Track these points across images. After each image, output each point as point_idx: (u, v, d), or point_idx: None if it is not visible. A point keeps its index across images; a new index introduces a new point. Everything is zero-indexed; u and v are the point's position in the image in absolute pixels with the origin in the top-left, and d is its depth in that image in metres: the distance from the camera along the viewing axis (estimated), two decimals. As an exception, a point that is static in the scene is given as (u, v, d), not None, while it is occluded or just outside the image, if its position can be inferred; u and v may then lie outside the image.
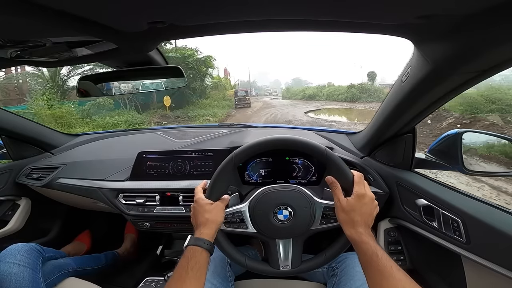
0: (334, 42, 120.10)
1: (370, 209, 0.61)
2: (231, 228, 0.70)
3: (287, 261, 0.69)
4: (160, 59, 0.75)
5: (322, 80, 34.67)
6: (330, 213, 0.67)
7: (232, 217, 0.69)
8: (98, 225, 1.52)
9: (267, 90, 33.99)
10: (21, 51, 0.60)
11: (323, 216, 0.68)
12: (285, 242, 0.69)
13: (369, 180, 0.93)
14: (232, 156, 0.70)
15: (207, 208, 0.64)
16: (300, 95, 27.65)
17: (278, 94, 35.11)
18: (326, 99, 22.69)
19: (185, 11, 0.43)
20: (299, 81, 39.89)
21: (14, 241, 0.89)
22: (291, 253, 0.69)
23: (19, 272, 0.78)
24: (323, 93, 24.51)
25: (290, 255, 0.69)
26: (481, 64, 0.50)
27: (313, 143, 0.69)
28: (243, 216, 0.69)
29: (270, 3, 0.41)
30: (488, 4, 0.37)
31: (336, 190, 0.62)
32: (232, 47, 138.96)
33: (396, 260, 0.92)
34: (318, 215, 0.68)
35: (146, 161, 1.05)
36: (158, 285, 1.09)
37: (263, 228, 0.68)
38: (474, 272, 0.68)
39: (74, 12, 0.41)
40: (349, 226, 0.59)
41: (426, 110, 0.72)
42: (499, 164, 0.83)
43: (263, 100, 28.15)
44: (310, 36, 36.42)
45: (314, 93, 25.76)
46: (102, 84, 0.82)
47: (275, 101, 26.57)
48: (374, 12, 0.44)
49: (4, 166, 1.23)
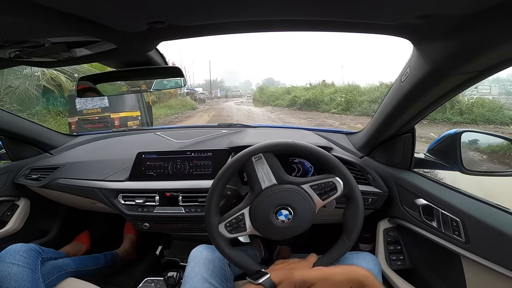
0: (312, 41, 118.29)
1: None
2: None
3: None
4: (159, 59, 0.75)
5: (297, 80, 29.50)
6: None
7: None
8: (97, 225, 1.52)
9: (236, 92, 28.30)
10: (20, 51, 0.60)
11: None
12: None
13: (368, 180, 0.93)
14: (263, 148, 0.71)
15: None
16: (286, 99, 15.38)
17: (243, 94, 26.10)
18: (344, 110, 11.75)
19: (184, 11, 0.43)
20: (271, 81, 33.71)
21: (13, 241, 0.89)
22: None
23: (18, 272, 0.78)
24: (329, 97, 13.31)
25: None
26: (480, 64, 0.50)
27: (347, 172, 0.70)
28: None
29: (269, 3, 0.41)
30: (487, 4, 0.37)
31: (306, 262, 0.66)
32: (197, 42, 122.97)
33: (395, 259, 0.92)
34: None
35: (146, 161, 1.05)
36: (158, 285, 1.09)
37: (263, 229, 0.68)
38: (473, 272, 0.69)
39: (73, 12, 0.41)
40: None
41: (426, 110, 0.72)
42: (498, 164, 0.83)
43: (225, 104, 18.46)
44: (285, 35, 34.85)
45: (313, 97, 13.67)
46: (101, 84, 0.82)
47: (243, 109, 15.63)
48: (374, 12, 0.44)
49: (3, 166, 1.23)
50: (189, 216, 0.97)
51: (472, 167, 0.78)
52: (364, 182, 0.93)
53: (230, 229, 0.69)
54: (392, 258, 0.92)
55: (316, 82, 17.08)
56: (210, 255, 0.78)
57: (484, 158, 0.88)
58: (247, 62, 30.36)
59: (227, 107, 16.37)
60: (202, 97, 18.41)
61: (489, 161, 0.89)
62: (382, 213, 0.96)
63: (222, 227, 0.69)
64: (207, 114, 12.70)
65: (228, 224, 0.69)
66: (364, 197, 0.70)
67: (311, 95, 13.92)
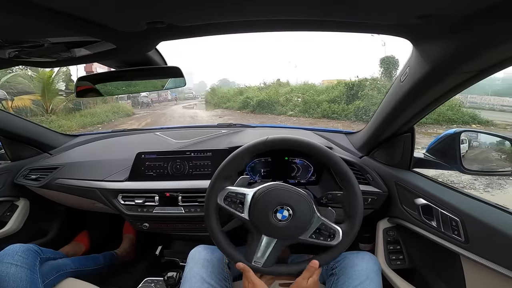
0: (267, 40, 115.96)
1: None
2: (228, 207, 0.69)
3: (262, 259, 0.68)
4: (159, 59, 0.75)
5: (252, 80, 27.80)
6: (323, 231, 0.67)
7: (234, 196, 0.69)
8: (97, 225, 1.52)
9: (189, 94, 25.74)
10: (19, 51, 0.59)
11: (316, 231, 0.67)
12: (269, 241, 0.68)
13: (368, 180, 0.93)
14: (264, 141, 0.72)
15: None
16: (238, 101, 13.49)
17: (196, 96, 24.24)
18: (302, 112, 10.62)
19: (184, 11, 0.43)
20: (227, 82, 31.34)
21: (12, 242, 0.88)
22: (268, 253, 0.68)
23: (17, 272, 0.77)
24: (285, 97, 11.97)
25: (267, 254, 0.68)
26: (479, 63, 0.51)
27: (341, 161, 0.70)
28: (244, 200, 0.68)
29: (269, 3, 0.41)
30: (485, 4, 0.37)
31: (308, 273, 0.67)
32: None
33: (395, 259, 0.92)
34: (312, 227, 0.67)
35: (145, 161, 1.05)
36: (158, 285, 1.09)
37: (258, 221, 0.68)
38: (473, 271, 0.69)
39: (72, 12, 0.41)
40: None
41: (425, 110, 0.72)
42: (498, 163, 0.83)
43: (171, 109, 15.94)
44: (240, 35, 34.70)
45: (267, 98, 12.08)
46: (100, 84, 0.82)
47: (188, 114, 13.39)
48: (373, 12, 0.44)
49: (2, 167, 1.22)
50: (188, 216, 0.97)
51: (471, 166, 0.78)
52: (364, 182, 0.93)
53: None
54: (392, 257, 0.92)
55: (270, 81, 15.26)
56: (209, 255, 0.78)
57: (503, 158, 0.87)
58: (202, 63, 28.83)
59: (170, 112, 14.27)
60: (146, 101, 16.20)
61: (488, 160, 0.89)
62: (381, 212, 0.96)
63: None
64: (139, 122, 10.62)
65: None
66: (363, 197, 0.70)
67: (265, 95, 12.34)
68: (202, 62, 25.78)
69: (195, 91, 25.52)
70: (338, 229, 0.67)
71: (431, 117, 8.78)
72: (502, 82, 13.10)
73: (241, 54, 77.72)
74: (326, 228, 0.67)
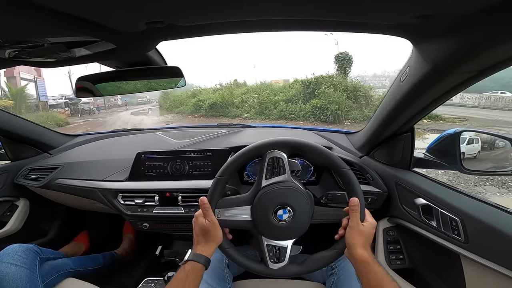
0: (226, 41, 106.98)
1: (372, 237, 0.66)
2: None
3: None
4: (159, 59, 0.75)
5: (210, 82, 25.67)
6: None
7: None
8: (97, 225, 1.52)
9: (143, 98, 23.25)
10: (19, 51, 0.59)
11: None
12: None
13: (368, 180, 0.93)
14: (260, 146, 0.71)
15: (207, 227, 0.65)
16: (190, 105, 12.43)
17: (151, 100, 22.07)
18: (258, 114, 10.13)
19: (183, 11, 0.43)
20: (187, 84, 29.28)
21: (12, 242, 0.88)
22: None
23: (17, 272, 0.77)
24: (241, 99, 11.24)
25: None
26: (479, 63, 0.51)
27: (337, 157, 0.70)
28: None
29: (268, 4, 0.41)
30: (485, 4, 0.37)
31: (356, 213, 0.64)
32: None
33: (395, 259, 0.92)
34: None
35: (145, 161, 1.05)
36: (158, 285, 1.09)
37: (262, 225, 0.68)
38: (473, 271, 0.69)
39: (72, 12, 0.41)
40: (361, 248, 0.61)
41: (425, 110, 0.72)
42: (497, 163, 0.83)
43: (116, 116, 14.31)
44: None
45: (221, 100, 11.19)
46: (100, 84, 0.82)
47: (133, 121, 12.00)
48: (373, 12, 0.44)
49: (2, 167, 1.22)
50: (188, 216, 0.97)
51: (471, 166, 0.78)
52: (364, 182, 0.93)
53: (278, 259, 0.68)
54: (392, 257, 0.92)
55: (227, 82, 14.25)
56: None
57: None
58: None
59: (113, 120, 12.95)
60: (87, 108, 14.79)
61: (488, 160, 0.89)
62: (381, 212, 0.96)
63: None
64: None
65: (272, 259, 0.69)
66: (364, 196, 0.70)
67: (219, 97, 11.34)
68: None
69: (150, 95, 22.39)
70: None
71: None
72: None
73: (199, 55, 74.61)
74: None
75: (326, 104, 8.79)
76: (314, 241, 0.87)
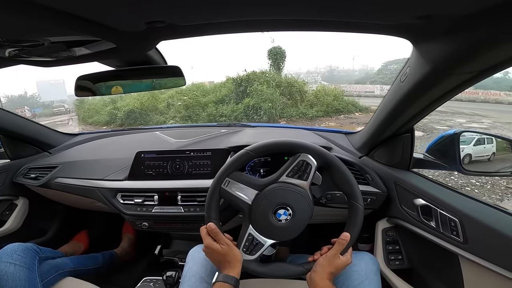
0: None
1: (340, 272, 0.67)
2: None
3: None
4: (159, 59, 0.75)
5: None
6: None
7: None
8: (96, 225, 1.52)
9: (60, 107, 20.01)
10: (19, 50, 0.59)
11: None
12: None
13: (367, 180, 0.93)
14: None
15: (225, 251, 0.65)
16: (104, 114, 11.10)
17: (70, 110, 18.71)
18: (184, 120, 9.20)
19: (184, 10, 0.43)
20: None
21: (11, 241, 0.88)
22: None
23: (15, 271, 0.77)
24: (166, 103, 10.06)
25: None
26: (479, 64, 0.51)
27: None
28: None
29: (269, 3, 0.41)
30: (486, 4, 0.37)
31: (340, 247, 0.65)
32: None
33: (394, 259, 0.92)
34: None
35: (145, 160, 1.05)
36: (157, 284, 1.09)
37: (261, 225, 0.68)
38: (471, 271, 0.69)
39: (72, 12, 0.41)
40: (326, 279, 0.63)
41: (425, 110, 0.72)
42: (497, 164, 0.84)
43: None
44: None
45: (139, 106, 10.08)
46: (100, 84, 0.82)
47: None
48: (373, 12, 0.44)
49: (1, 165, 1.22)
50: (188, 216, 0.97)
51: (470, 167, 0.78)
52: (363, 182, 0.93)
53: (249, 251, 0.69)
54: (391, 258, 0.93)
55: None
56: None
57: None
58: (76, 69, 21.23)
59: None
60: None
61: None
62: (380, 213, 0.96)
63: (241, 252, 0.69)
64: None
65: (244, 248, 0.69)
66: (363, 197, 0.70)
67: (137, 103, 9.87)
68: (76, 69, 19.16)
69: (68, 104, 19.43)
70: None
71: (321, 110, 8.70)
72: (359, 73, 14.27)
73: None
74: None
75: (259, 103, 8.24)
76: (314, 241, 0.87)
